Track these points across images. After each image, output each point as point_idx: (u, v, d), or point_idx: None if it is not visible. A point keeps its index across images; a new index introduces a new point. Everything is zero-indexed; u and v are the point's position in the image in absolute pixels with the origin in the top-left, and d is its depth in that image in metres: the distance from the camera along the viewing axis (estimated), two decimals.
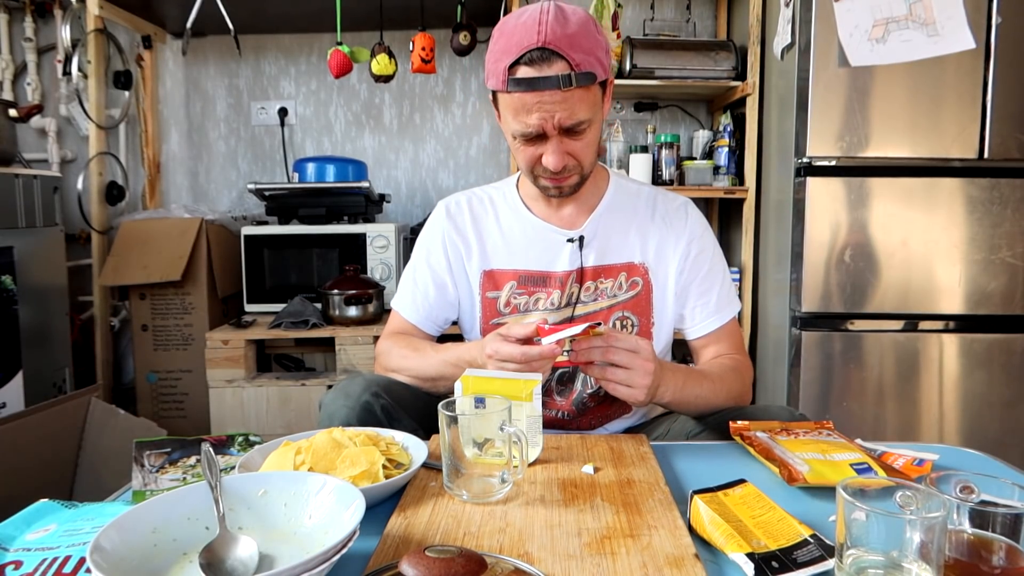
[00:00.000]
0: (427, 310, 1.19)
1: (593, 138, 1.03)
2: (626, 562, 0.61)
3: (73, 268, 2.32)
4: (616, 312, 1.13)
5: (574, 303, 1.13)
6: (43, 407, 1.68)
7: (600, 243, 1.14)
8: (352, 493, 0.65)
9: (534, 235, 1.15)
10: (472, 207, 1.19)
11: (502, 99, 1.01)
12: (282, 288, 2.27)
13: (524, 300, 1.14)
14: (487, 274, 1.16)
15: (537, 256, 1.14)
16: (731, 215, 2.45)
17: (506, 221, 1.17)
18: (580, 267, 1.12)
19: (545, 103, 0.95)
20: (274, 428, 2.04)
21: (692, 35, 2.50)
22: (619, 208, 1.16)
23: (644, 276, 1.14)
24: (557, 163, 1.00)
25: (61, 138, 2.61)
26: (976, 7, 1.75)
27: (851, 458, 0.81)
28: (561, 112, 0.96)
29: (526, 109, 0.96)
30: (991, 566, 0.57)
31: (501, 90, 0.98)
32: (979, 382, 1.87)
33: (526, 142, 1.01)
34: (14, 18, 2.54)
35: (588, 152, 1.04)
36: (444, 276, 1.18)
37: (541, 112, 0.96)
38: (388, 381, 1.06)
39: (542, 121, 0.96)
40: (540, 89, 0.94)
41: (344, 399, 1.00)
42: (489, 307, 1.16)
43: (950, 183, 1.82)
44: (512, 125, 1.00)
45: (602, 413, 1.18)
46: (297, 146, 2.67)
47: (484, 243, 1.17)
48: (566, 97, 0.94)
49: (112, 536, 0.59)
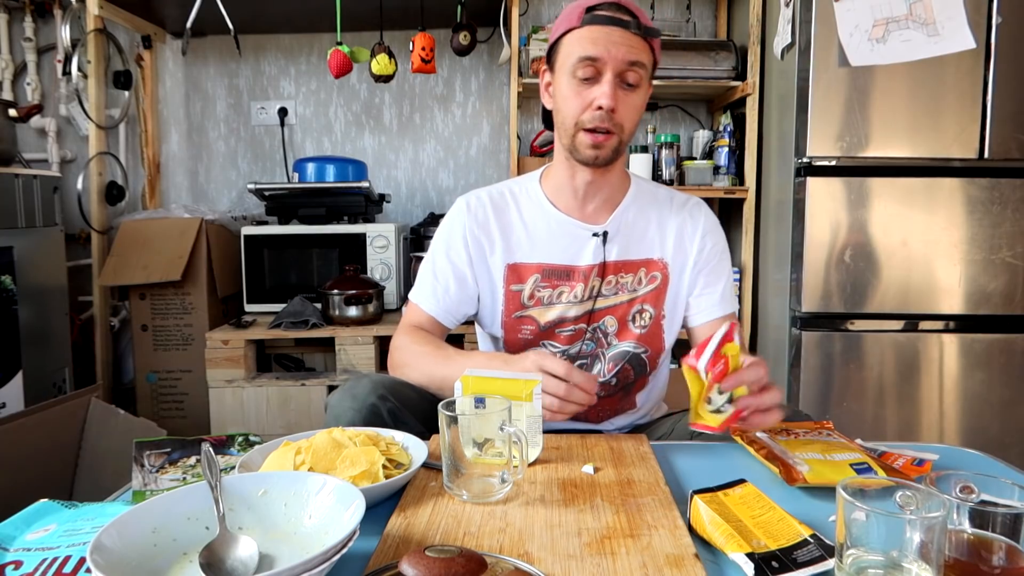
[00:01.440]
0: (447, 303, 1.20)
1: (640, 103, 1.08)
2: (626, 562, 0.61)
3: (73, 268, 2.32)
4: (636, 305, 1.16)
5: (595, 296, 1.15)
6: (43, 407, 1.68)
7: (623, 239, 1.16)
8: (352, 493, 0.65)
9: (558, 229, 1.16)
10: (494, 202, 1.20)
11: (570, 38, 1.06)
12: (282, 288, 2.27)
13: (548, 293, 1.16)
14: (511, 267, 1.17)
15: (562, 250, 1.16)
16: (731, 215, 2.45)
17: (529, 215, 1.18)
18: (603, 261, 1.15)
19: (614, 39, 1.03)
20: (274, 428, 2.04)
21: (692, 35, 2.51)
22: (641, 205, 1.18)
23: (663, 271, 1.17)
24: (611, 99, 1.03)
25: (61, 138, 2.61)
26: (976, 7, 1.75)
27: (851, 458, 0.82)
28: (625, 49, 1.03)
29: (594, 41, 1.03)
30: (991, 566, 0.57)
31: (575, 26, 1.05)
32: (979, 382, 1.87)
33: (582, 82, 1.05)
34: (14, 18, 2.54)
35: (632, 115, 1.08)
36: (465, 270, 1.19)
37: (608, 45, 1.03)
38: (394, 382, 1.06)
39: (607, 51, 1.02)
40: (614, 25, 1.03)
41: (351, 401, 1.00)
42: (513, 300, 1.17)
43: (950, 183, 1.82)
44: (575, 56, 1.04)
45: (610, 407, 1.19)
46: (297, 146, 2.67)
47: (508, 237, 1.18)
48: (632, 41, 1.03)
49: (112, 536, 0.59)
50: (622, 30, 1.03)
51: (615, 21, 1.03)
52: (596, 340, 1.16)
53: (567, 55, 1.06)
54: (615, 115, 1.04)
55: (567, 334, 1.16)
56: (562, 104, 1.09)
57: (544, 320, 1.16)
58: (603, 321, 1.16)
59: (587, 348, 1.17)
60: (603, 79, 1.04)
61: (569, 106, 1.07)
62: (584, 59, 1.03)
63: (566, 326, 1.16)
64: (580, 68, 1.04)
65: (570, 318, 1.15)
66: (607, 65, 1.03)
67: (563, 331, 1.16)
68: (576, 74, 1.05)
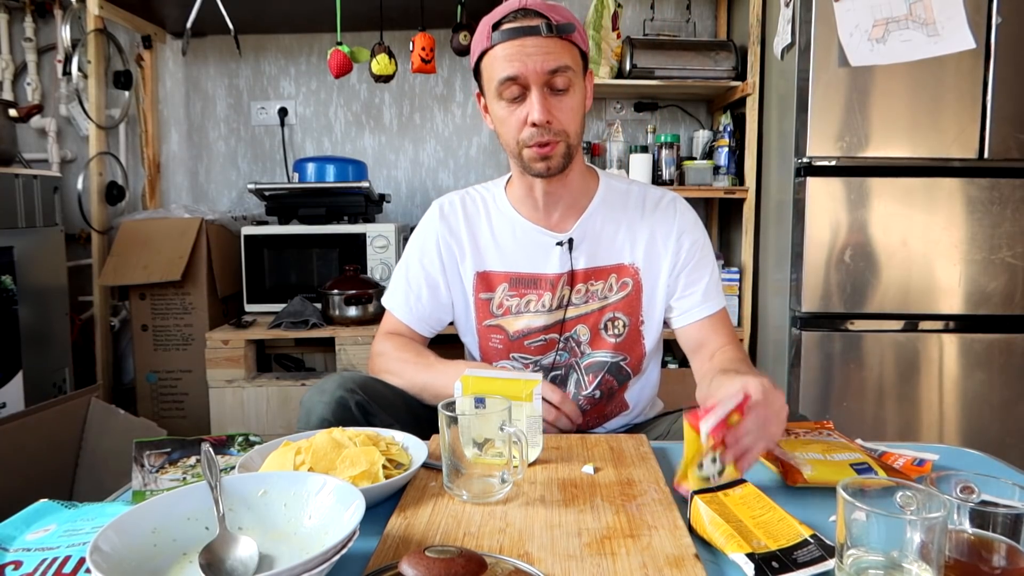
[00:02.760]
0: (420, 311, 1.19)
1: (576, 104, 1.04)
2: (626, 562, 0.61)
3: (73, 268, 2.32)
4: (608, 313, 1.13)
5: (565, 305, 1.13)
6: (43, 407, 1.68)
7: (590, 245, 1.13)
8: (352, 493, 0.65)
9: (524, 237, 1.14)
10: (465, 207, 1.19)
11: (487, 61, 1.03)
12: (282, 288, 2.27)
13: (516, 302, 1.14)
14: (480, 275, 1.16)
15: (528, 259, 1.14)
16: (731, 215, 2.45)
17: (497, 222, 1.17)
18: (571, 270, 1.12)
19: (529, 51, 0.98)
20: (274, 428, 2.04)
21: (692, 35, 2.50)
22: (609, 209, 1.15)
23: (634, 276, 1.14)
24: (542, 113, 0.99)
25: (61, 138, 2.61)
26: (976, 7, 1.75)
27: (851, 458, 0.81)
28: (542, 59, 0.98)
29: (509, 58, 0.99)
30: (991, 566, 0.57)
31: (487, 47, 1.01)
32: (979, 382, 1.87)
33: (511, 103, 1.02)
34: (14, 18, 2.54)
35: (573, 118, 1.04)
36: (437, 277, 1.18)
37: (524, 59, 0.99)
38: (365, 378, 1.06)
39: (523, 66, 0.98)
40: (525, 36, 0.98)
41: (319, 395, 1.00)
42: (483, 308, 1.16)
43: (950, 183, 1.82)
44: (496, 81, 1.01)
45: (599, 413, 1.18)
46: (297, 146, 2.67)
47: (477, 244, 1.16)
48: (548, 46, 0.99)
49: (112, 536, 0.59)
50: (535, 38, 0.98)
51: (525, 31, 0.99)
52: (569, 350, 1.15)
53: (489, 79, 1.04)
54: (552, 124, 1.01)
55: (537, 344, 1.14)
56: (500, 127, 1.07)
57: (513, 329, 1.14)
58: (575, 330, 1.14)
59: (560, 359, 1.15)
60: (530, 95, 1.00)
61: (506, 128, 1.05)
62: (505, 80, 1.00)
63: (535, 336, 1.14)
64: (504, 90, 1.01)
65: (538, 328, 1.13)
66: (529, 79, 0.99)
67: (532, 342, 1.14)
68: (503, 96, 1.02)
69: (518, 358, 1.16)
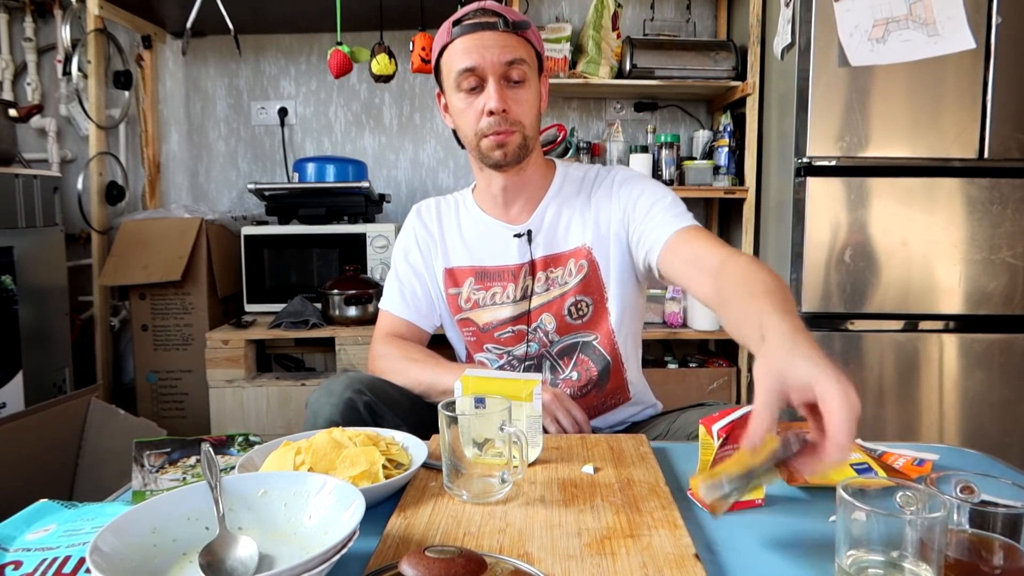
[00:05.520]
0: (417, 305, 1.23)
1: (532, 98, 1.10)
2: (626, 562, 0.61)
3: (73, 268, 2.32)
4: (569, 298, 1.16)
5: (529, 295, 1.17)
6: (43, 407, 1.68)
7: (547, 235, 1.17)
8: (352, 493, 0.65)
9: (486, 232, 1.20)
10: (439, 208, 1.26)
11: (446, 56, 1.09)
12: (282, 288, 2.27)
13: (482, 295, 1.19)
14: (448, 272, 1.22)
15: (491, 252, 1.19)
16: (731, 215, 2.45)
17: (464, 220, 1.23)
18: (531, 260, 1.17)
19: (487, 44, 1.05)
20: (274, 428, 2.04)
21: (692, 35, 2.50)
22: (563, 198, 1.19)
23: (588, 256, 1.16)
24: (498, 101, 1.05)
25: (61, 138, 2.61)
26: (976, 7, 1.75)
27: (851, 458, 0.81)
28: (499, 50, 1.05)
29: (467, 51, 1.06)
30: (991, 566, 0.57)
31: (447, 42, 1.08)
32: (979, 382, 1.87)
33: (468, 93, 1.07)
34: (14, 18, 2.54)
35: (527, 109, 1.09)
36: (423, 272, 1.24)
37: (482, 51, 1.05)
38: (372, 379, 1.08)
39: (481, 58, 1.05)
40: (483, 30, 1.06)
41: (327, 396, 1.01)
42: (453, 303, 1.22)
43: (950, 183, 1.82)
44: (455, 72, 1.07)
45: (588, 405, 1.18)
46: (297, 146, 2.67)
47: (446, 242, 1.23)
48: (505, 40, 1.06)
49: (112, 536, 0.59)
50: (492, 32, 1.06)
51: (483, 26, 1.06)
52: (539, 340, 1.18)
53: (448, 72, 1.10)
54: (509, 115, 1.07)
55: (507, 336, 1.18)
56: (459, 119, 1.12)
57: (482, 322, 1.19)
58: (541, 319, 1.17)
59: (532, 350, 1.18)
60: (487, 85, 1.06)
61: (465, 119, 1.10)
62: (463, 71, 1.06)
63: (504, 328, 1.18)
64: (463, 80, 1.07)
65: (506, 319, 1.17)
66: (486, 70, 1.05)
67: (502, 334, 1.18)
68: (461, 87, 1.08)
69: (492, 349, 1.20)
